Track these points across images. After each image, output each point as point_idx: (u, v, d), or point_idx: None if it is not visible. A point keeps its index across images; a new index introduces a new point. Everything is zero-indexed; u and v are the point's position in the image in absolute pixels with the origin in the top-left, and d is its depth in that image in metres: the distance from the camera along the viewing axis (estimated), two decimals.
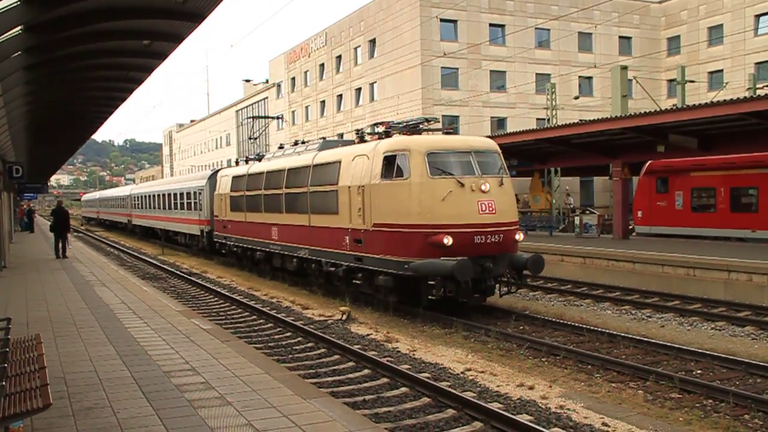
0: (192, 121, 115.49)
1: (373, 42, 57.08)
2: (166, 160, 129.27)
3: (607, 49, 56.01)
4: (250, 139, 28.18)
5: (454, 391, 8.68)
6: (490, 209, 13.77)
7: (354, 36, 59.96)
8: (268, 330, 13.82)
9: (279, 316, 14.70)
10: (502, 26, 52.73)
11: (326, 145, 18.93)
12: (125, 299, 14.44)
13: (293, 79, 72.26)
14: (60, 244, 25.43)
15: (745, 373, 9.87)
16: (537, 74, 53.07)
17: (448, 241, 13.27)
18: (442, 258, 13.22)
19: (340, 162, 16.33)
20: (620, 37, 57.47)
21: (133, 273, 23.03)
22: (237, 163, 28.28)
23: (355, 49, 60.07)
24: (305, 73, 69.49)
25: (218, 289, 19.11)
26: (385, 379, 9.74)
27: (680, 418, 8.06)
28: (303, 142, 21.19)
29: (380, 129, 16.51)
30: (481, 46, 51.51)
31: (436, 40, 50.75)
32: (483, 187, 13.74)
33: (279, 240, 20.28)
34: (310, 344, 12.30)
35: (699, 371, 10.05)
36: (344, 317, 14.46)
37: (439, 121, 16.62)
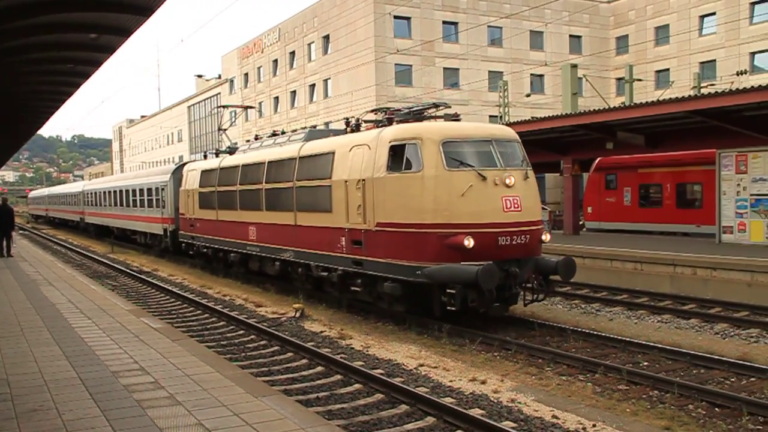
0: (143, 116, 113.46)
1: (327, 38, 56.87)
2: (116, 156, 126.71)
3: (558, 48, 56.87)
4: (219, 129, 25.85)
5: (407, 387, 8.72)
6: (516, 206, 12.13)
7: (307, 32, 59.65)
8: (221, 328, 13.66)
9: (231, 314, 14.55)
10: (455, 24, 53.08)
11: (313, 134, 16.98)
12: (72, 298, 14.11)
13: (246, 74, 71.56)
14: (4, 243, 24.71)
15: (689, 365, 10.13)
16: (490, 72, 53.61)
17: (469, 242, 11.56)
18: (462, 263, 11.60)
19: (333, 153, 14.47)
20: (571, 35, 58.40)
21: (81, 272, 22.52)
22: (206, 156, 26.38)
23: (309, 45, 59.77)
24: (258, 68, 68.88)
25: (169, 288, 18.81)
26: (338, 376, 9.73)
27: (627, 409, 8.23)
28: (282, 132, 19.35)
29: (375, 117, 15.04)
30: (435, 43, 51.80)
31: (389, 37, 50.81)
32: (508, 181, 12.08)
33: (258, 241, 18.38)
34: (263, 342, 12.20)
35: (646, 363, 10.29)
36: (298, 314, 14.38)
37: (450, 107, 14.73)
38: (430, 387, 9.10)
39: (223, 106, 27.77)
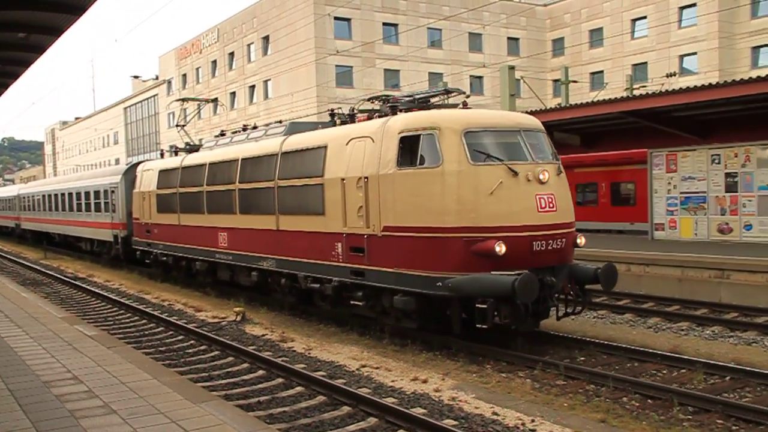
0: (77, 118, 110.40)
1: (266, 39, 56.45)
2: (49, 159, 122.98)
3: (497, 50, 57.77)
4: (177, 126, 23.53)
5: (349, 388, 8.71)
6: (551, 205, 10.58)
7: (247, 32, 59.07)
8: (159, 334, 13.40)
9: (170, 319, 14.28)
10: (396, 25, 53.38)
11: (296, 127, 14.99)
12: (2, 307, 13.62)
13: (184, 75, 70.42)
14: None
15: (624, 358, 10.41)
16: (430, 73, 54.11)
17: (500, 249, 9.93)
18: (492, 272, 10.01)
19: (325, 147, 12.68)
20: (509, 38, 59.44)
21: (11, 278, 21.77)
22: (162, 155, 23.86)
23: (248, 45, 59.22)
24: (197, 69, 67.87)
25: (105, 294, 18.34)
26: (280, 380, 9.66)
27: (565, 404, 8.40)
28: (254, 127, 17.52)
29: (372, 106, 13.36)
30: (375, 44, 51.94)
31: (330, 38, 50.75)
32: (542, 177, 10.51)
33: (230, 248, 16.32)
34: (203, 347, 12.02)
35: (582, 358, 10.52)
36: (239, 318, 14.21)
37: (465, 93, 13.11)
38: (372, 388, 9.12)
39: (183, 99, 24.63)
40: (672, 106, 19.37)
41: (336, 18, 50.78)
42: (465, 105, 12.22)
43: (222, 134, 19.31)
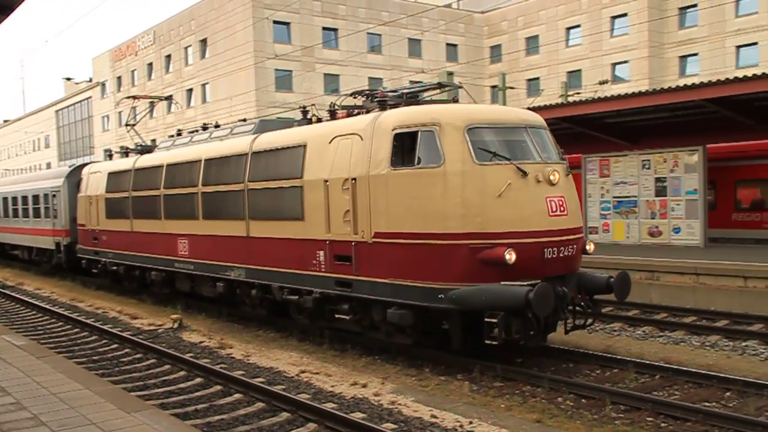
0: (6, 121, 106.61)
1: (204, 42, 55.71)
2: None
3: (435, 56, 58.38)
4: (127, 125, 21.79)
5: (288, 395, 8.66)
6: (561, 209, 9.75)
7: (184, 35, 58.17)
8: (92, 343, 13.05)
9: (104, 327, 13.92)
10: (335, 30, 53.39)
11: (266, 125, 13.92)
12: None
13: (119, 78, 68.87)
14: None
15: (559, 360, 10.63)
16: (370, 78, 54.26)
17: (510, 257, 9.07)
18: (502, 282, 9.17)
19: (304, 146, 11.69)
20: (447, 44, 60.14)
21: None
22: (111, 156, 22.26)
23: (186, 48, 58.33)
24: (132, 72, 66.46)
25: (36, 302, 17.76)
26: (218, 387, 9.52)
27: (502, 405, 8.54)
28: (216, 126, 16.20)
29: (354, 101, 12.42)
30: (315, 49, 51.83)
31: (269, 42, 50.42)
32: (552, 178, 9.68)
33: (191, 256, 15.09)
34: (138, 355, 11.76)
35: (519, 360, 10.70)
36: (176, 325, 13.95)
37: (460, 86, 12.39)
38: (311, 393, 9.08)
39: (134, 97, 22.71)
40: (604, 113, 19.91)
41: (275, 22, 50.48)
42: (455, 101, 11.35)
43: (179, 134, 18.02)
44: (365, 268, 10.41)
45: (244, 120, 15.91)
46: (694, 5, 49.48)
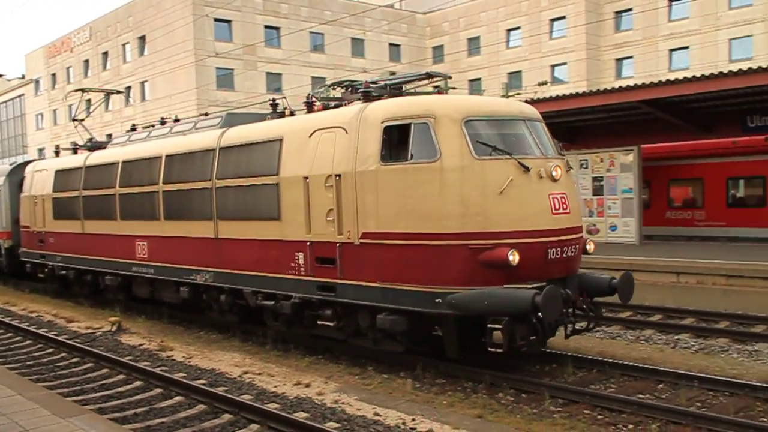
0: None
1: (143, 39, 54.62)
2: None
3: (378, 55, 58.56)
4: (74, 120, 20.32)
5: (230, 396, 8.59)
6: (564, 207, 9.22)
7: (122, 32, 56.92)
8: (26, 348, 12.66)
9: (38, 331, 13.52)
10: (277, 29, 53.02)
11: (235, 119, 13.04)
12: None
13: (54, 75, 66.92)
14: None
15: (500, 356, 10.77)
16: (313, 77, 54.06)
17: (513, 257, 8.51)
18: (505, 286, 8.62)
19: (280, 141, 10.93)
20: (390, 44, 60.36)
21: None
22: (57, 153, 20.67)
23: (124, 45, 57.11)
24: (68, 69, 64.69)
25: None
26: (158, 390, 9.37)
27: (444, 402, 8.64)
28: (176, 120, 15.36)
29: (334, 93, 11.68)
30: (257, 47, 51.38)
31: (210, 40, 49.75)
32: (554, 173, 9.16)
33: (151, 259, 14.18)
34: (75, 359, 11.46)
35: (463, 357, 10.81)
36: (114, 328, 13.64)
37: (448, 76, 11.67)
38: (254, 394, 9.02)
39: (83, 90, 21.40)
40: (543, 113, 20.21)
41: (216, 19, 49.82)
42: (440, 92, 10.79)
43: (133, 129, 17.00)
44: (351, 271, 9.75)
45: (205, 114, 15.02)
46: (629, 9, 50.90)
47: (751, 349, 11.18)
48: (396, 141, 9.38)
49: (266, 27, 52.79)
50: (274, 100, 12.71)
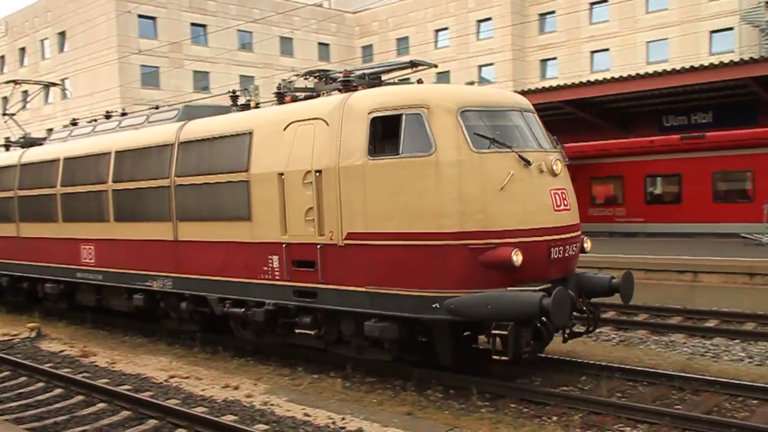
0: None
1: (62, 35, 52.81)
2: None
3: (308, 54, 58.27)
4: (4, 114, 18.46)
5: (155, 401, 8.41)
6: (565, 203, 8.79)
7: (40, 27, 54.90)
8: None
9: None
10: (204, 26, 52.12)
11: (193, 112, 12.23)
12: None
13: None
14: None
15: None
16: (241, 76, 53.37)
17: (517, 258, 7.99)
18: (509, 288, 8.10)
19: (250, 134, 10.17)
20: (319, 43, 60.17)
21: None
22: None
23: (42, 41, 55.05)
24: None
25: None
26: (80, 397, 9.09)
27: (374, 400, 8.69)
28: (123, 114, 14.30)
29: (306, 82, 10.88)
30: (183, 45, 50.40)
31: (134, 37, 48.51)
32: (555, 168, 8.70)
33: (99, 265, 13.10)
34: None
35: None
36: (33, 334, 13.16)
37: (434, 65, 11.14)
38: (181, 398, 8.85)
39: (15, 82, 19.42)
40: None
41: (140, 16, 48.62)
42: (420, 83, 10.17)
43: (74, 123, 15.66)
44: (334, 275, 9.06)
45: (156, 107, 13.98)
46: (553, 12, 52.20)
47: (668, 339, 11.67)
48: (385, 133, 8.74)
49: (193, 24, 51.82)
50: (234, 92, 12.16)
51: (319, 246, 9.17)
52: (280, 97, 10.63)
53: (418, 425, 7.62)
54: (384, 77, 10.42)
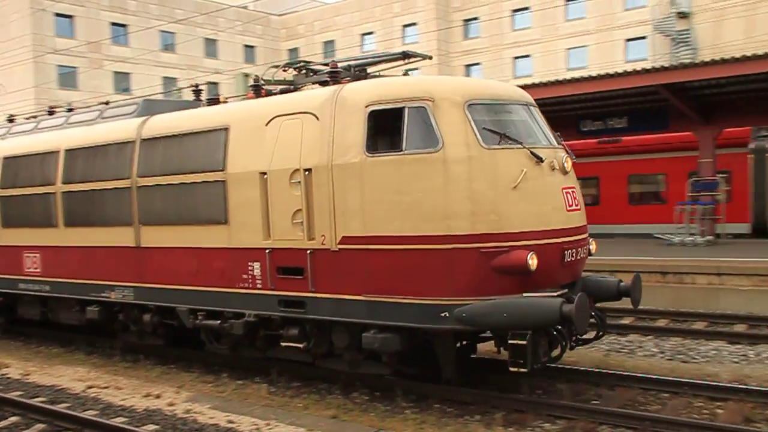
0: None
1: None
2: None
3: (232, 56, 57.64)
4: None
5: (72, 413, 8.16)
6: (576, 203, 8.34)
7: None
8: None
9: None
10: (125, 26, 50.81)
11: (154, 107, 11.23)
12: None
13: None
14: None
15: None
16: (164, 77, 52.30)
17: (532, 262, 7.46)
18: (525, 295, 7.57)
19: (226, 130, 9.37)
20: (245, 45, 59.54)
21: None
22: None
23: None
24: None
25: None
26: None
27: (300, 404, 8.66)
28: (69, 109, 13.18)
29: (286, 74, 10.11)
30: (102, 45, 48.99)
31: (50, 36, 46.90)
32: (566, 165, 8.28)
33: (46, 274, 11.98)
34: None
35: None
36: None
37: (429, 57, 10.35)
38: (99, 409, 8.60)
39: None
40: None
41: (57, 14, 47.00)
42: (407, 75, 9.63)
43: (11, 120, 14.24)
44: (326, 283, 8.38)
45: (106, 103, 12.65)
46: (476, 18, 53.19)
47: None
48: (385, 128, 8.20)
49: (113, 24, 50.48)
50: (197, 86, 11.49)
51: (308, 251, 8.47)
52: (257, 90, 9.80)
53: (343, 428, 7.64)
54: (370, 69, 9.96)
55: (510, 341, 7.45)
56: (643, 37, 46.22)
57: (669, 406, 8.15)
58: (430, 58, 10.29)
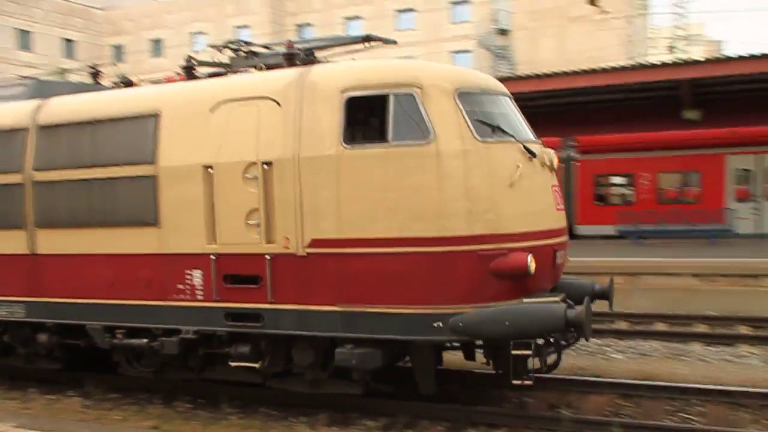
0: None
1: None
2: None
3: (49, 50, 54.13)
4: None
5: None
6: (561, 203, 7.90)
7: None
8: None
9: None
10: None
11: (50, 88, 9.52)
12: None
13: None
14: None
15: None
16: None
17: (532, 265, 6.84)
18: (524, 300, 6.98)
19: (157, 116, 8.03)
20: (64, 39, 56.09)
21: None
22: None
23: None
24: None
25: None
26: None
27: (117, 416, 8.32)
28: None
29: (233, 54, 8.82)
30: None
31: None
32: (554, 162, 7.75)
33: None
34: None
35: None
36: None
37: (394, 41, 9.19)
38: None
39: None
40: None
41: None
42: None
43: None
44: (290, 292, 7.34)
45: None
46: (309, 23, 53.54)
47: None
48: (365, 117, 7.49)
49: None
50: (94, 65, 10.03)
51: (267, 257, 7.39)
52: (189, 72, 8.68)
53: None
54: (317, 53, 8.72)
55: (513, 351, 6.88)
56: (469, 51, 48.69)
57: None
58: (395, 42, 9.40)
